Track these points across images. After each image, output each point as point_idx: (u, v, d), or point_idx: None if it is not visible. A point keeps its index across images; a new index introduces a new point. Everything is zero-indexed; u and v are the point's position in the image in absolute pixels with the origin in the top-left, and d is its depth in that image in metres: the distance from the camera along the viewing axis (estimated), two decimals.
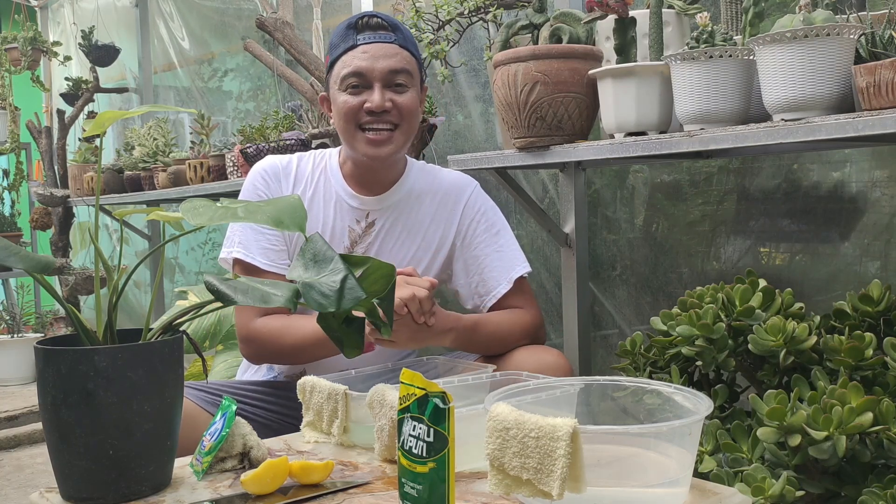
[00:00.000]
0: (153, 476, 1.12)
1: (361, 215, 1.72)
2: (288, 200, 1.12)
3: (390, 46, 1.63)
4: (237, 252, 1.66)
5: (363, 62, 1.61)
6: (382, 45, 1.62)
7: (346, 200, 1.71)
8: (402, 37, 1.66)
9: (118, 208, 1.21)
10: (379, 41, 1.63)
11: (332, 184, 1.72)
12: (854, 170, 1.82)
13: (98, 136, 1.15)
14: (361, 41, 1.62)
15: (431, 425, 0.95)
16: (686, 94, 1.44)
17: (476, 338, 1.61)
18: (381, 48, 1.62)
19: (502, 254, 1.73)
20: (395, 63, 1.62)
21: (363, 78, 1.61)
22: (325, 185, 1.72)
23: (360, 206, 1.71)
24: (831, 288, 1.84)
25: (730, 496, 1.09)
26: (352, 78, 1.62)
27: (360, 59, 1.61)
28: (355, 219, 1.71)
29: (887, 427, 1.19)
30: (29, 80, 4.83)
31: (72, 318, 1.12)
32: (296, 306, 1.03)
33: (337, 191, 1.72)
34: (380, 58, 1.61)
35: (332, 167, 1.74)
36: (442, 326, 1.53)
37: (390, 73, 1.62)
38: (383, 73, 1.61)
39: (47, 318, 4.37)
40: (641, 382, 1.19)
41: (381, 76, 1.61)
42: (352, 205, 1.71)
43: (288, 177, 1.73)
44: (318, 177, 1.73)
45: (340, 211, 1.71)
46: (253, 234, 1.66)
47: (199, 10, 4.36)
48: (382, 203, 1.72)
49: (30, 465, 2.97)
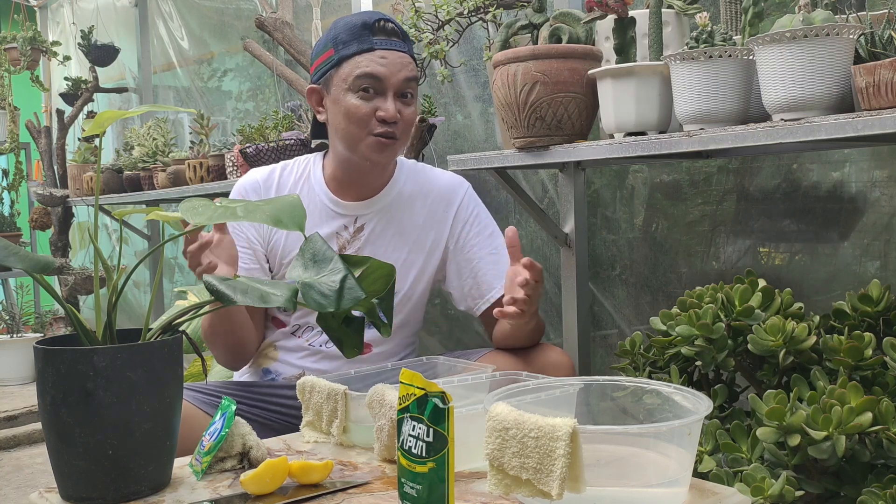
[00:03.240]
0: (152, 476, 1.12)
1: (349, 221, 1.71)
2: (287, 200, 1.12)
3: (404, 56, 1.63)
4: None
5: (382, 68, 1.59)
6: (399, 54, 1.62)
7: (331, 207, 1.71)
8: (410, 47, 1.67)
9: (117, 208, 1.21)
10: (395, 49, 1.62)
11: (315, 192, 1.72)
12: (853, 170, 1.82)
13: (97, 135, 1.15)
14: (379, 45, 1.60)
15: (431, 425, 0.95)
16: (685, 94, 1.44)
17: (534, 325, 1.62)
18: (398, 57, 1.61)
19: (496, 257, 1.73)
20: (408, 73, 1.62)
21: (379, 84, 1.60)
22: (309, 193, 1.72)
23: (347, 212, 1.71)
24: (831, 288, 1.84)
25: (729, 496, 1.09)
26: (366, 80, 1.59)
27: (379, 65, 1.59)
28: (343, 224, 1.71)
29: (887, 427, 1.18)
30: (28, 80, 4.83)
31: (71, 317, 1.12)
32: (295, 306, 1.03)
33: (321, 198, 1.71)
34: (398, 67, 1.60)
35: (316, 175, 1.73)
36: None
37: (404, 83, 1.61)
38: (399, 82, 1.61)
39: (47, 318, 4.37)
40: (641, 382, 1.19)
41: (396, 85, 1.60)
42: (337, 211, 1.71)
43: (269, 189, 1.73)
44: (302, 185, 1.73)
45: (326, 218, 1.71)
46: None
47: (199, 10, 4.36)
48: (371, 207, 1.72)
49: (29, 465, 2.97)
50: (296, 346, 1.74)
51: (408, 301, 1.74)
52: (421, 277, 1.75)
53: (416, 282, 1.74)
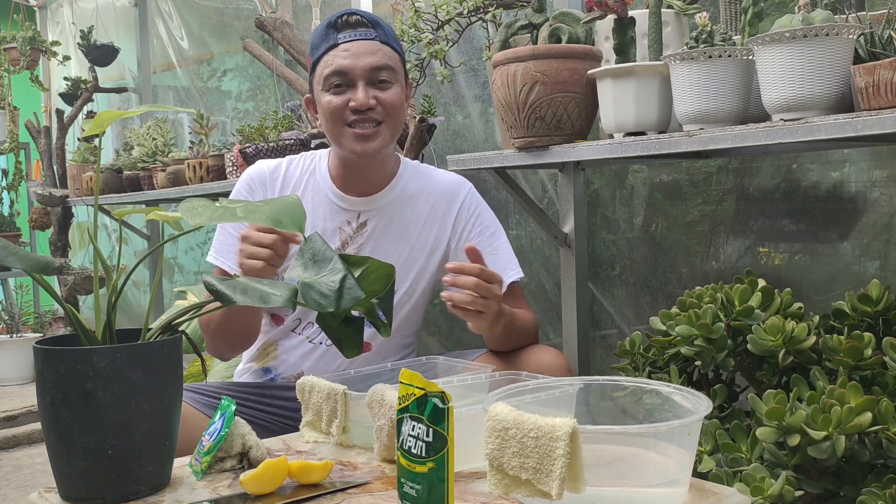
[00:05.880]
0: (152, 476, 1.12)
1: (353, 216, 1.72)
2: (287, 200, 1.12)
3: (371, 43, 1.62)
4: (211, 257, 1.70)
5: (345, 60, 1.60)
6: (363, 43, 1.62)
7: (335, 202, 1.71)
8: (383, 33, 1.65)
9: (117, 208, 1.21)
10: (360, 38, 1.62)
11: (320, 186, 1.73)
12: (853, 170, 1.82)
13: (97, 135, 1.15)
14: (342, 39, 1.62)
15: (431, 425, 0.95)
16: (685, 94, 1.44)
17: (512, 327, 1.59)
18: (363, 45, 1.61)
19: (497, 257, 1.73)
20: (376, 60, 1.61)
21: (346, 76, 1.61)
22: (314, 187, 1.73)
23: (350, 207, 1.71)
24: (830, 288, 1.84)
25: (729, 496, 1.09)
26: (334, 77, 1.61)
27: (342, 58, 1.61)
28: (346, 220, 1.71)
29: (886, 427, 1.18)
30: (28, 80, 4.83)
31: (71, 317, 1.12)
32: (295, 306, 1.03)
33: (326, 192, 1.72)
34: (361, 55, 1.61)
35: (321, 170, 1.74)
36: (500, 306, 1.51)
37: (373, 71, 1.61)
38: (365, 70, 1.61)
39: (46, 318, 4.37)
40: (640, 382, 1.19)
41: (363, 74, 1.61)
42: (341, 206, 1.71)
43: (275, 181, 1.73)
44: (307, 179, 1.73)
45: (330, 212, 1.71)
46: (226, 238, 1.68)
47: (199, 10, 4.36)
48: (375, 204, 1.72)
49: (29, 465, 2.97)
50: (296, 344, 1.74)
51: (408, 299, 1.74)
52: (422, 276, 1.75)
53: (416, 280, 1.74)
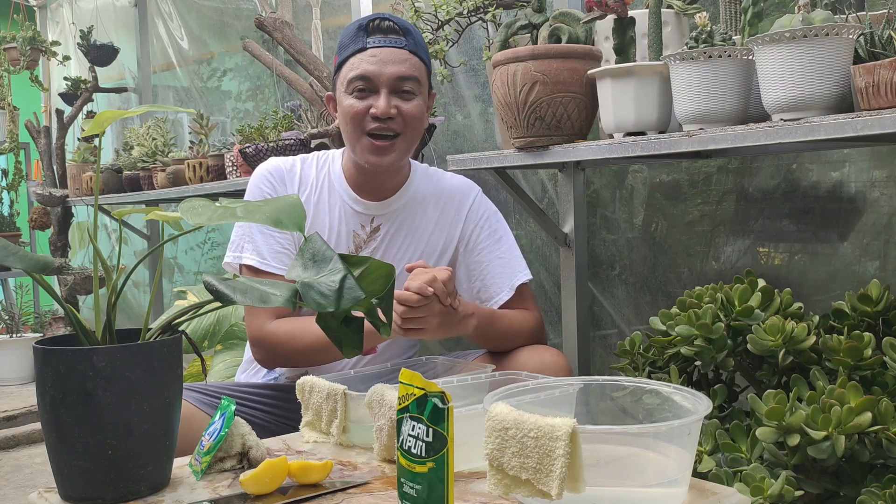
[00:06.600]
0: (152, 476, 1.12)
1: (366, 220, 1.71)
2: (287, 200, 1.12)
3: (400, 52, 1.60)
4: (250, 259, 1.64)
5: (371, 66, 1.58)
6: (392, 50, 1.59)
7: (351, 205, 1.71)
8: (413, 42, 1.63)
9: (117, 208, 1.21)
10: (389, 45, 1.60)
11: (335, 189, 1.72)
12: (853, 170, 1.82)
13: (97, 135, 1.15)
14: (371, 44, 1.59)
15: (430, 425, 0.95)
16: (685, 94, 1.44)
17: (493, 328, 1.60)
18: (391, 53, 1.59)
19: (504, 260, 1.73)
20: (403, 69, 1.59)
21: (370, 82, 1.59)
22: (329, 189, 1.72)
23: (365, 211, 1.71)
24: (830, 288, 1.84)
25: (729, 496, 1.09)
26: (358, 81, 1.59)
27: (369, 63, 1.59)
28: (360, 223, 1.71)
29: (886, 427, 1.19)
30: (28, 80, 4.83)
31: (70, 317, 1.12)
32: (294, 306, 1.03)
33: (341, 195, 1.71)
34: (388, 63, 1.59)
35: (335, 171, 1.73)
36: (465, 310, 1.52)
37: (398, 80, 1.59)
38: (391, 78, 1.59)
39: (46, 318, 4.37)
40: (640, 382, 1.19)
41: (388, 82, 1.59)
42: (356, 209, 1.71)
43: (293, 180, 1.71)
44: (322, 181, 1.72)
45: (345, 216, 1.71)
46: (263, 238, 1.64)
47: (198, 10, 4.36)
48: (387, 208, 1.72)
49: (28, 465, 2.97)
50: None
51: None
52: None
53: None
